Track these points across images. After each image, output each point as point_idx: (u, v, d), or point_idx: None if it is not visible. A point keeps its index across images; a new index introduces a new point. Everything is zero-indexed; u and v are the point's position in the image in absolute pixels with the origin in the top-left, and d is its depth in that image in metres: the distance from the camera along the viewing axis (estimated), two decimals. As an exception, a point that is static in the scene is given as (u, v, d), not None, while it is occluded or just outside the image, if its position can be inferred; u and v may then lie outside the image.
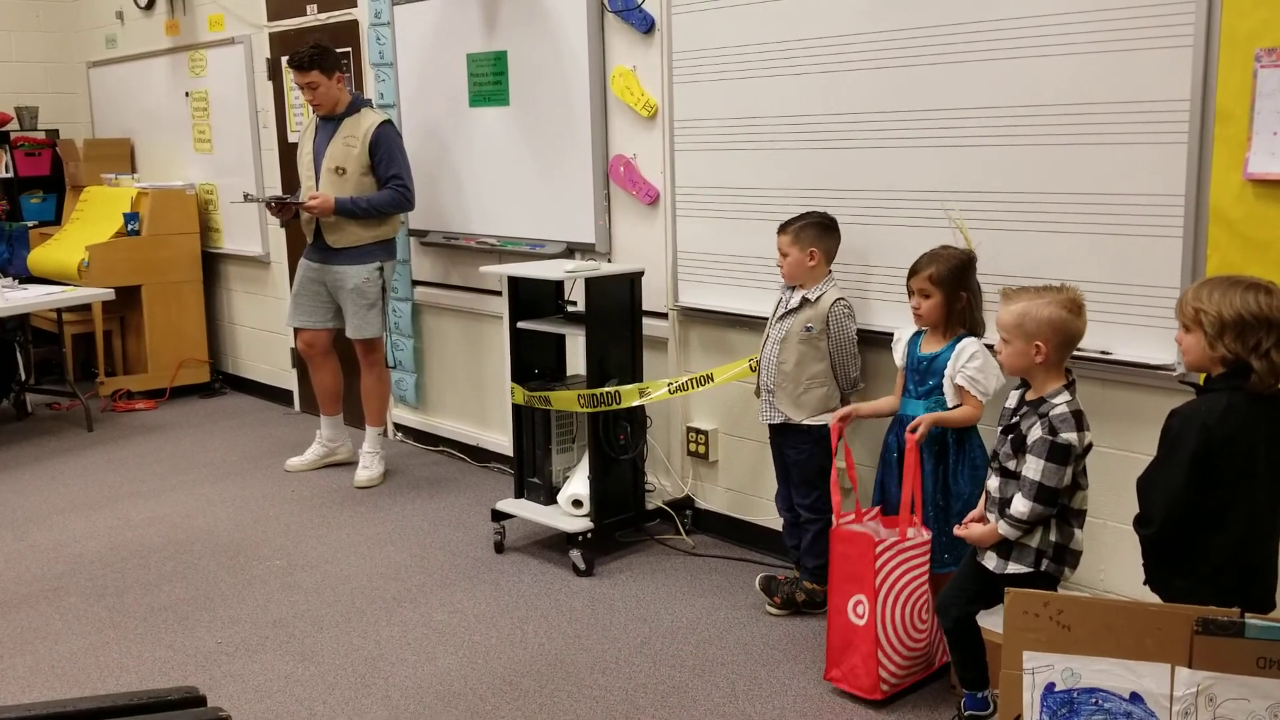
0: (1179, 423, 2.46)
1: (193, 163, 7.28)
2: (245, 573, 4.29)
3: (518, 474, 4.58)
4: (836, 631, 3.25)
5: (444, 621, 3.83)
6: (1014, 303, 2.76)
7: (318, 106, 5.07)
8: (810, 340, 3.63)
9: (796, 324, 3.65)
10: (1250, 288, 2.41)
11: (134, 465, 5.74)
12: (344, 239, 5.08)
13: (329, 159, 5.05)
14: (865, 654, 3.17)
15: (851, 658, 3.21)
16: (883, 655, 3.16)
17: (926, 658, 3.29)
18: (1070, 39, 3.19)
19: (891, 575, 3.16)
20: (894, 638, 3.18)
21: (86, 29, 8.10)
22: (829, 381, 3.66)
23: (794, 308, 3.66)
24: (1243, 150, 2.89)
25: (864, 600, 3.16)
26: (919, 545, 3.21)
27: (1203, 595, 2.37)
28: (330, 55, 5.02)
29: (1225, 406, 2.41)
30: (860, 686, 3.19)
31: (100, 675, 3.51)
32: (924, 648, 3.26)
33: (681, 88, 4.28)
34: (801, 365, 3.64)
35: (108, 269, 6.75)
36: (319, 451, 5.57)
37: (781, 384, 3.68)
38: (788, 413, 3.69)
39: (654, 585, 4.08)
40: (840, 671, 3.25)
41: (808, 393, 3.66)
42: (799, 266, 3.64)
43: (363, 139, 5.00)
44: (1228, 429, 2.40)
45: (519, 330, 4.47)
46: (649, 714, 3.19)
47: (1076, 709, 2.38)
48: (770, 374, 3.71)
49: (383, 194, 5.02)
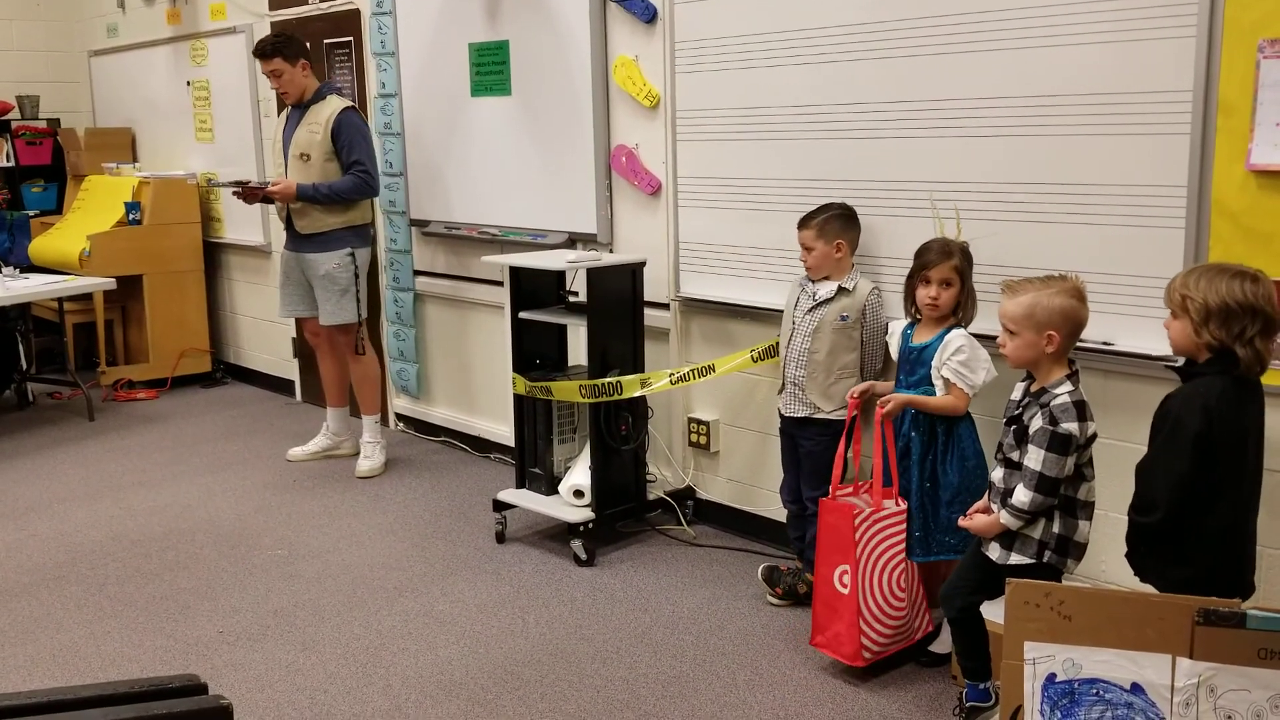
0: (1178, 405, 2.45)
1: (194, 152, 7.27)
2: (246, 562, 4.30)
3: (519, 464, 4.58)
4: (822, 600, 3.35)
5: (445, 611, 3.83)
6: (1020, 294, 2.75)
7: (285, 94, 5.16)
8: (845, 329, 3.63)
9: (831, 314, 3.62)
10: (1237, 275, 2.42)
11: (135, 455, 5.74)
12: (311, 225, 5.13)
13: (294, 145, 5.11)
14: (849, 622, 3.27)
15: (836, 625, 3.30)
16: (864, 624, 3.26)
17: (906, 628, 3.36)
18: (1073, 30, 3.18)
19: (870, 544, 3.27)
20: (875, 606, 3.27)
21: (88, 17, 8.09)
22: (857, 372, 3.67)
23: (828, 298, 3.63)
24: (1245, 141, 2.88)
25: (848, 569, 3.25)
26: (894, 515, 3.31)
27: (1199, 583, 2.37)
28: (293, 43, 5.11)
29: (1222, 390, 2.41)
30: (843, 653, 3.29)
31: (102, 664, 3.52)
32: (903, 617, 3.34)
33: (684, 77, 4.27)
34: (834, 355, 3.64)
35: (109, 258, 6.74)
36: (323, 444, 5.58)
37: (813, 374, 3.65)
38: (817, 403, 3.67)
39: (655, 576, 4.08)
40: (824, 638, 3.35)
41: (838, 383, 3.65)
42: (826, 259, 3.62)
43: (325, 125, 5.04)
44: (1226, 412, 2.40)
45: (520, 320, 4.46)
46: (650, 704, 3.20)
47: (1078, 700, 2.38)
48: (800, 365, 3.68)
49: (344, 180, 5.07)
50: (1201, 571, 2.44)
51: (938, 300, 3.30)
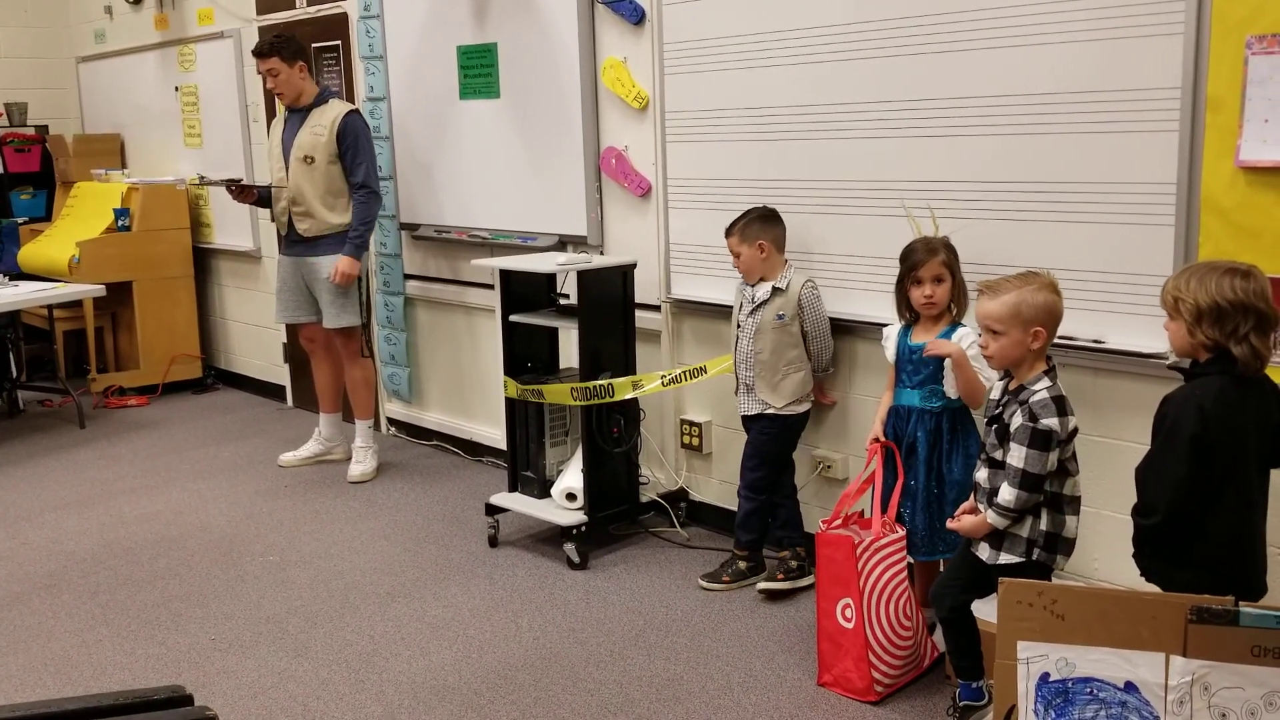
0: (1174, 408, 2.44)
1: (183, 158, 7.25)
2: (238, 569, 4.28)
3: (511, 468, 4.57)
4: (826, 636, 3.24)
5: (438, 616, 3.82)
6: (1002, 294, 2.74)
7: (281, 95, 5.14)
8: (784, 327, 3.74)
9: (768, 314, 3.75)
10: (1228, 273, 2.40)
11: (126, 462, 5.72)
12: (315, 227, 5.11)
13: (297, 148, 5.08)
14: (857, 657, 3.16)
15: (843, 661, 3.19)
16: (874, 657, 3.15)
17: (915, 656, 3.27)
18: (1062, 27, 3.18)
19: (873, 575, 3.16)
20: (882, 637, 3.17)
21: (75, 24, 8.06)
22: (804, 366, 3.78)
23: (764, 299, 3.75)
24: (1234, 138, 2.88)
25: (851, 603, 3.15)
26: (895, 542, 3.23)
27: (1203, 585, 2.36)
28: (291, 44, 5.08)
29: (1219, 390, 2.40)
30: (854, 690, 3.18)
31: (93, 673, 3.50)
32: (912, 646, 3.24)
33: (673, 79, 4.26)
34: (778, 353, 3.75)
35: (98, 265, 6.72)
36: (315, 449, 5.55)
37: (761, 373, 3.78)
38: (767, 399, 3.79)
39: (648, 578, 4.07)
40: (832, 676, 3.24)
41: (786, 379, 3.77)
42: (754, 261, 3.75)
43: (330, 127, 5.03)
44: (1223, 412, 2.39)
45: (511, 323, 4.46)
46: (643, 706, 3.19)
47: (1071, 699, 2.38)
48: (749, 367, 3.80)
49: (358, 211, 5.08)
50: (1205, 573, 2.42)
51: (933, 298, 3.29)
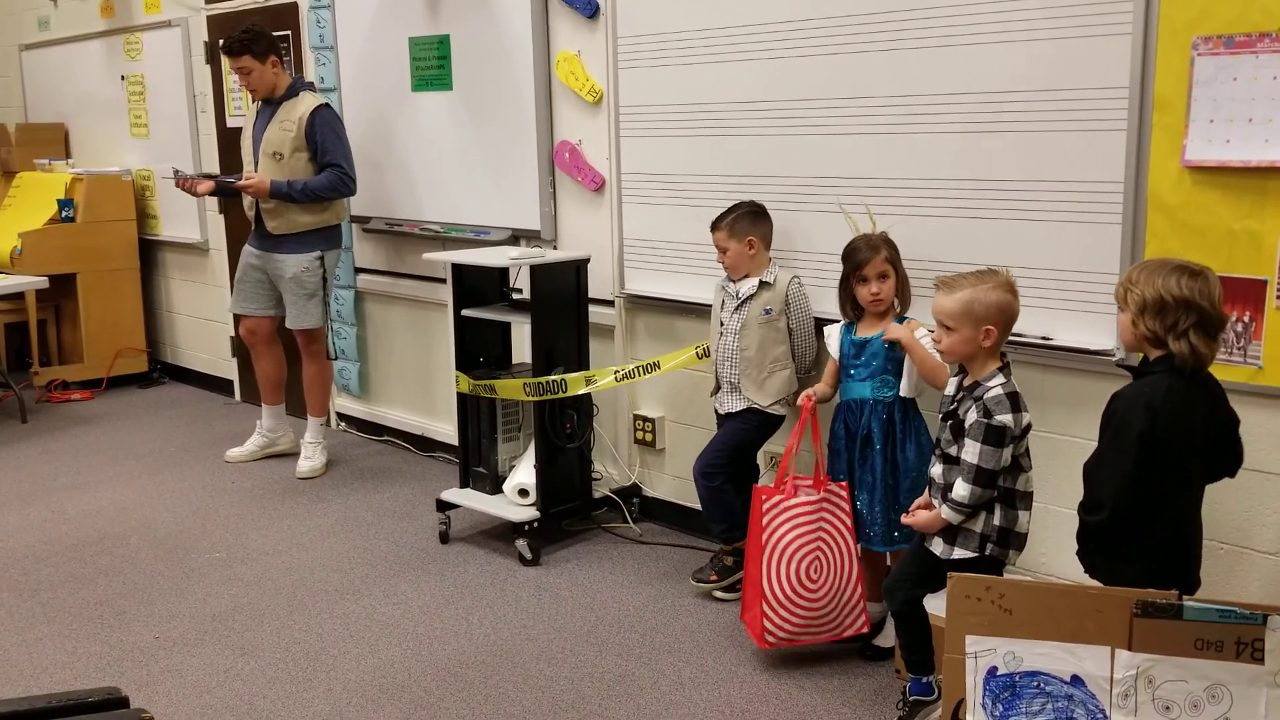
0: (1123, 405, 2.47)
1: (129, 148, 7.13)
2: (183, 566, 4.21)
3: (463, 463, 4.54)
4: (748, 579, 3.44)
5: (388, 613, 3.78)
6: (956, 290, 2.77)
7: (254, 91, 5.01)
8: (770, 322, 3.69)
9: (755, 309, 3.69)
10: (1179, 270, 2.45)
11: (69, 457, 5.62)
12: (284, 225, 5.00)
13: (266, 143, 4.97)
14: (752, 603, 3.38)
15: (754, 606, 3.37)
16: (768, 607, 3.29)
17: (824, 621, 3.36)
18: (1011, 27, 3.20)
19: (775, 530, 3.32)
20: (779, 592, 3.30)
21: (18, 10, 7.89)
22: (789, 365, 3.73)
23: (750, 295, 3.70)
24: (1180, 138, 2.92)
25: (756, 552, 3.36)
26: (806, 504, 3.34)
27: (1148, 580, 2.39)
28: (262, 40, 4.94)
29: (1167, 388, 2.43)
30: (754, 633, 3.37)
31: (34, 673, 3.43)
32: (818, 607, 3.34)
33: (627, 73, 4.25)
34: (764, 349, 3.70)
35: (41, 256, 6.60)
36: (259, 442, 5.49)
37: (747, 371, 3.72)
38: (753, 398, 3.73)
39: (601, 574, 4.06)
40: (748, 616, 3.45)
41: (772, 376, 3.72)
42: (741, 257, 3.71)
43: (299, 123, 4.92)
44: (1171, 410, 2.42)
45: (463, 318, 4.42)
46: (595, 703, 3.18)
47: (1019, 692, 2.40)
48: (734, 364, 3.74)
49: (320, 178, 4.94)
50: (1149, 569, 2.45)
51: (880, 294, 3.32)
